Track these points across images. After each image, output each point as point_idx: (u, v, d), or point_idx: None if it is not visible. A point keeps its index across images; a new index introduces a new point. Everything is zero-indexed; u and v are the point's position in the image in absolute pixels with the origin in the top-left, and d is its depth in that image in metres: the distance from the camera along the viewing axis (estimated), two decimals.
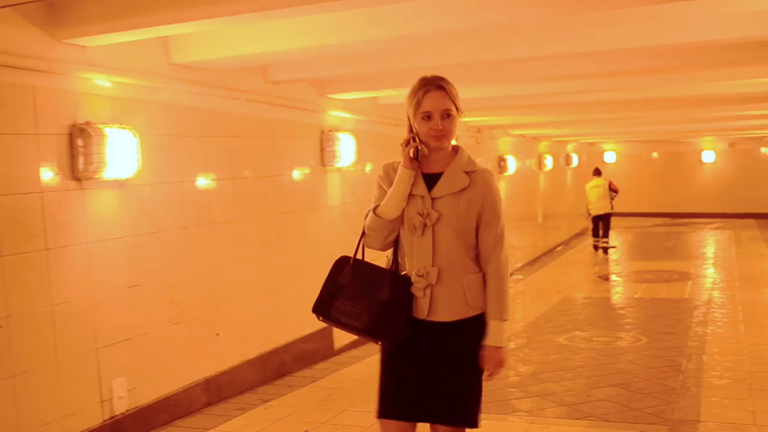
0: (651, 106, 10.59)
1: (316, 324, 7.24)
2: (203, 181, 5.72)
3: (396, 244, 3.21)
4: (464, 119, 11.17)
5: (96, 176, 4.57)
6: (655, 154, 24.90)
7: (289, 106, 6.70)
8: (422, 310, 3.15)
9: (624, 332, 8.19)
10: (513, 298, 11.43)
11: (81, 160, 4.50)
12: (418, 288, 3.14)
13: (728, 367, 6.48)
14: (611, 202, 16.03)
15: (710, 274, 12.78)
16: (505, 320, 3.21)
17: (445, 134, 3.13)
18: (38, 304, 4.30)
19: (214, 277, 5.74)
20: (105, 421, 4.77)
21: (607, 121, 13.74)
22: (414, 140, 3.12)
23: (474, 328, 3.18)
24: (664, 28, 5.30)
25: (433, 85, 3.14)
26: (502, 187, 13.65)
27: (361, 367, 6.89)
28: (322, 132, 7.28)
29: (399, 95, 7.97)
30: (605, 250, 15.97)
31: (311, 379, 6.47)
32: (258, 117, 6.35)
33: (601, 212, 15.95)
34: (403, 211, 3.13)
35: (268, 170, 6.43)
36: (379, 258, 3.27)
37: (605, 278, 12.90)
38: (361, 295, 3.18)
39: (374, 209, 3.16)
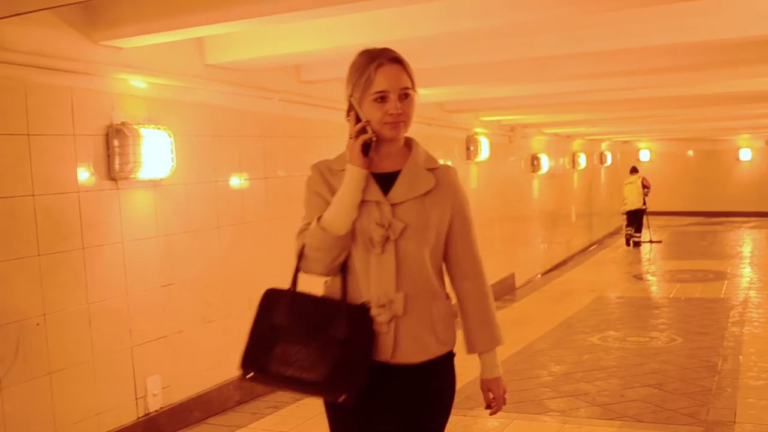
0: (686, 104, 10.46)
1: None
2: (237, 181, 5.76)
3: (342, 267, 2.48)
4: (497, 117, 11.15)
5: (131, 176, 4.62)
6: (690, 152, 24.59)
7: (322, 105, 6.71)
8: (385, 350, 2.43)
9: (658, 332, 8.11)
10: (547, 298, 11.44)
11: (117, 160, 4.55)
12: (380, 321, 2.42)
13: (765, 368, 6.39)
14: (644, 198, 16.74)
15: (747, 273, 12.62)
16: (501, 345, 2.67)
17: (404, 120, 2.45)
18: (74, 302, 4.36)
19: (247, 277, 5.78)
20: (139, 418, 4.82)
21: (641, 119, 13.60)
22: (366, 130, 2.41)
23: (443, 370, 2.58)
24: (699, 25, 5.24)
25: (386, 57, 2.45)
26: (535, 186, 13.59)
27: None
28: None
29: (431, 94, 7.97)
30: (636, 243, 16.62)
31: None
32: (291, 116, 6.38)
33: (634, 207, 16.71)
34: (354, 223, 2.42)
35: (301, 170, 6.40)
36: (314, 285, 2.61)
37: (639, 277, 12.79)
38: (309, 336, 2.42)
39: (318, 222, 2.42)
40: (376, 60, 2.44)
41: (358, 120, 2.43)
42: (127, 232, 4.73)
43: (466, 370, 2.85)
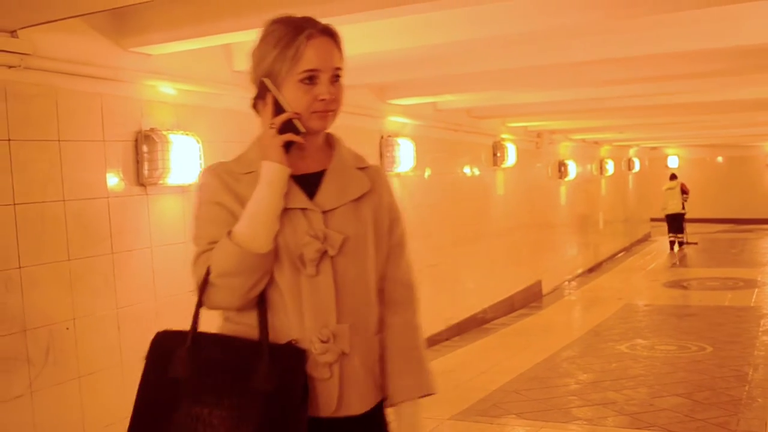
0: (714, 110, 10.37)
1: None
2: None
3: (259, 298, 1.92)
4: (524, 123, 11.12)
5: (160, 182, 4.65)
6: (719, 159, 24.38)
7: (348, 111, 6.64)
8: (328, 401, 1.91)
9: (687, 341, 8.03)
10: (573, 306, 11.37)
11: (146, 166, 4.58)
12: (323, 363, 1.89)
13: None
14: (683, 203, 17.49)
15: None
16: (432, 394, 2.08)
17: (335, 108, 2.01)
18: (103, 307, 4.39)
19: None
20: None
21: (670, 125, 13.50)
22: (294, 123, 1.92)
23: (382, 422, 2.07)
24: (727, 30, 5.19)
25: (316, 28, 1.94)
26: (563, 192, 13.53)
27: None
28: (382, 137, 7.30)
29: (458, 100, 7.96)
30: (679, 244, 17.51)
31: None
32: None
33: (673, 211, 17.43)
34: (276, 238, 1.89)
35: None
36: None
37: (668, 285, 12.67)
38: (222, 392, 1.83)
39: (230, 239, 1.86)
40: (306, 30, 1.91)
41: (277, 107, 1.92)
42: (156, 237, 4.76)
43: (490, 376, 2.83)
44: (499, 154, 10.10)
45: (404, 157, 7.40)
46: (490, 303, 9.98)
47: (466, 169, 9.48)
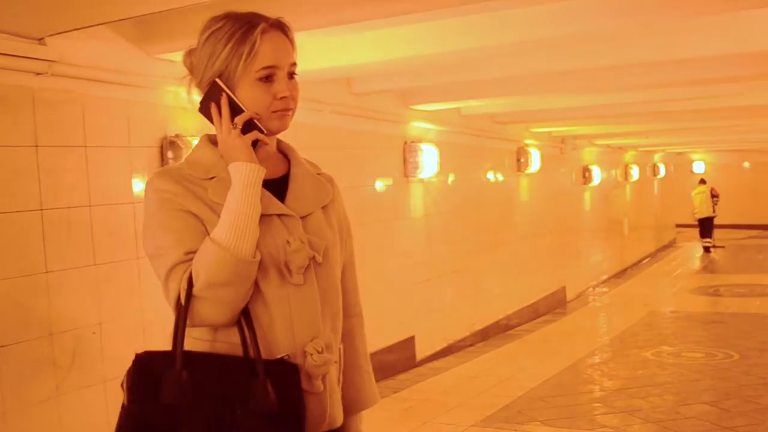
0: (741, 115, 10.28)
1: (398, 334, 7.34)
2: None
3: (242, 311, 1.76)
4: (548, 129, 11.08)
5: None
6: (746, 164, 24.13)
7: (373, 117, 6.74)
8: (321, 416, 1.83)
9: (714, 348, 7.95)
10: (598, 312, 11.30)
11: None
12: (317, 375, 1.80)
13: None
14: (713, 207, 17.97)
15: None
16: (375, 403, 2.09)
17: (293, 107, 1.88)
18: (129, 311, 4.41)
19: None
20: None
21: (696, 130, 13.40)
22: (254, 123, 1.81)
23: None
24: (753, 35, 5.15)
25: (267, 22, 1.82)
26: (587, 198, 13.46)
27: (444, 378, 6.87)
28: (405, 143, 7.30)
29: (482, 105, 7.95)
30: (707, 248, 17.85)
31: (393, 390, 6.47)
32: (342, 128, 6.40)
33: (704, 215, 17.87)
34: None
35: (351, 181, 6.47)
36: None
37: (694, 292, 12.56)
38: (223, 416, 1.69)
39: (217, 245, 1.70)
40: (259, 24, 1.78)
41: (233, 109, 1.80)
42: None
43: (515, 382, 2.81)
44: (523, 160, 10.08)
45: (428, 162, 7.40)
46: (514, 309, 9.94)
47: (490, 175, 9.46)
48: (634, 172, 16.63)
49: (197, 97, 1.91)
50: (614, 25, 4.47)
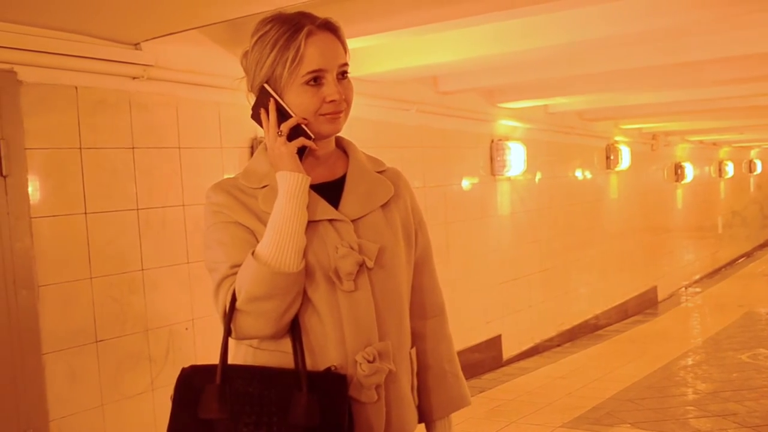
0: None
1: (484, 333, 7.32)
2: None
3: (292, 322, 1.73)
4: (638, 125, 10.86)
5: None
6: None
7: (459, 116, 6.73)
8: (377, 427, 1.76)
9: None
10: (690, 313, 11.02)
11: None
12: (370, 385, 1.73)
13: None
14: None
15: None
16: (467, 406, 2.02)
17: (345, 109, 1.79)
18: None
19: None
20: None
21: None
22: (302, 129, 1.76)
23: None
24: None
25: (314, 23, 1.75)
26: (679, 195, 13.15)
27: (531, 378, 6.82)
28: (492, 141, 7.28)
29: (570, 102, 7.85)
30: None
31: (479, 390, 6.45)
32: (428, 127, 6.42)
33: None
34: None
35: (438, 180, 6.48)
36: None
37: None
38: (260, 429, 1.64)
39: (256, 260, 1.67)
40: (304, 27, 1.72)
41: (280, 114, 1.77)
42: None
43: (604, 384, 2.77)
44: (612, 157, 9.92)
45: (515, 160, 7.35)
46: (603, 309, 9.79)
47: (578, 173, 9.34)
48: (729, 169, 16.17)
49: (250, 101, 1.89)
50: (706, 17, 4.36)
